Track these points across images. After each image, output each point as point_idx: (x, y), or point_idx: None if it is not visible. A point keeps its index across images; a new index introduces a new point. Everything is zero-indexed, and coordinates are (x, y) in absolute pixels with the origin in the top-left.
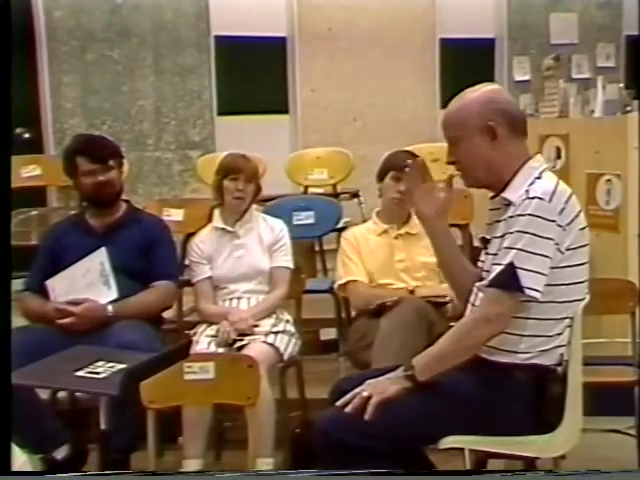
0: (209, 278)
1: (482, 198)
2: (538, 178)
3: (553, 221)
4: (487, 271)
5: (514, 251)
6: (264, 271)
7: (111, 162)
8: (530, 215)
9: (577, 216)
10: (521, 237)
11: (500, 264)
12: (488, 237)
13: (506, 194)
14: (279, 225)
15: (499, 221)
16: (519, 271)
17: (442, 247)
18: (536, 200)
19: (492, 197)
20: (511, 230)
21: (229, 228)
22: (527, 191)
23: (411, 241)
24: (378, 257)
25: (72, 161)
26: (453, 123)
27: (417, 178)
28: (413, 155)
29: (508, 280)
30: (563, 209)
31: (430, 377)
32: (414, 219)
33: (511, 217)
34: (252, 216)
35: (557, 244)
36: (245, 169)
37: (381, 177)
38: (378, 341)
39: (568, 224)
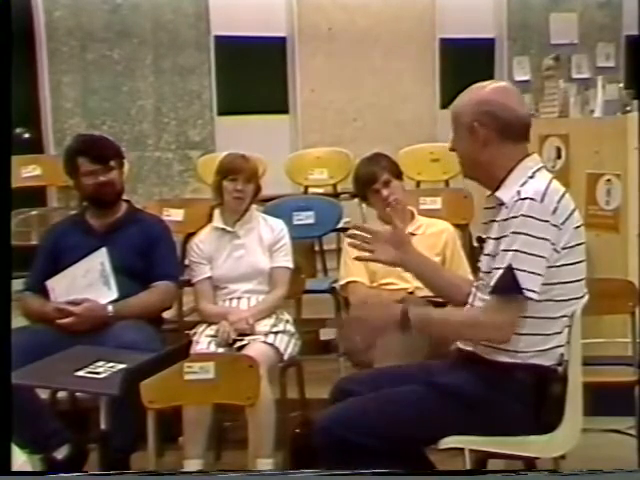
0: (209, 278)
1: (482, 198)
2: (531, 177)
3: (546, 221)
4: (487, 272)
5: (510, 253)
6: (264, 271)
7: (112, 163)
8: (523, 216)
9: (571, 214)
10: (516, 238)
11: (499, 268)
12: (484, 236)
13: (499, 193)
14: (279, 225)
15: (494, 221)
16: (517, 272)
17: (423, 273)
18: (528, 201)
19: (488, 196)
20: (506, 233)
21: (229, 228)
22: (519, 192)
23: (415, 241)
24: None
25: (73, 161)
26: (452, 114)
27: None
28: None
29: (508, 285)
30: (556, 208)
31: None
32: (417, 219)
33: (505, 220)
34: (252, 216)
35: (553, 244)
36: (244, 169)
37: (363, 196)
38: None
39: (562, 223)
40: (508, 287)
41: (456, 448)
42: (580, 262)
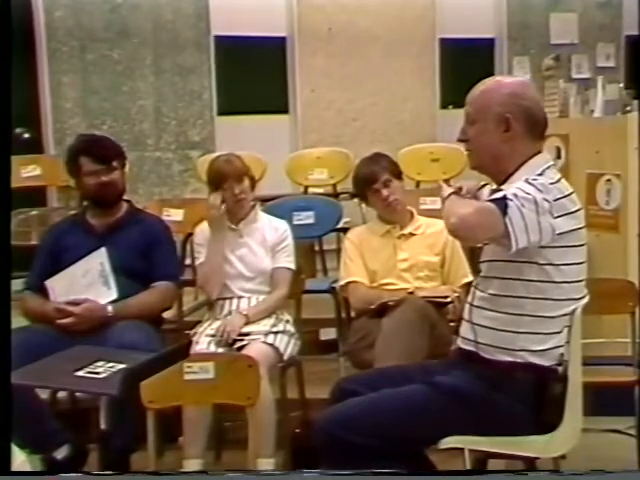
0: None
1: None
2: (540, 175)
3: (540, 191)
4: (488, 261)
5: (509, 196)
6: (265, 271)
7: (114, 163)
8: (524, 182)
9: (573, 213)
10: (515, 191)
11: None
12: None
13: (504, 187)
14: (283, 226)
15: None
16: (509, 202)
17: None
18: (530, 181)
19: (493, 190)
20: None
21: (233, 226)
22: None
23: (414, 241)
24: (381, 257)
25: (75, 161)
26: (475, 103)
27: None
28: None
29: (499, 203)
30: (557, 199)
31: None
32: (417, 219)
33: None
34: (257, 216)
35: (548, 220)
36: (230, 173)
37: (363, 196)
38: (381, 341)
39: (560, 216)
40: (496, 202)
41: (456, 448)
42: (580, 263)
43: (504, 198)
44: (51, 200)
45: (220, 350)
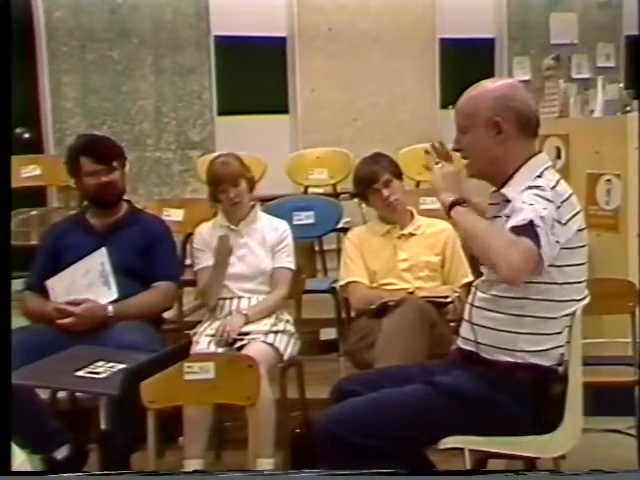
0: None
1: (481, 198)
2: (539, 177)
3: (551, 201)
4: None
5: (536, 222)
6: (266, 271)
7: (115, 163)
8: (530, 189)
9: (575, 216)
10: (538, 212)
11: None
12: None
13: (505, 190)
14: (283, 226)
15: (497, 217)
16: (538, 229)
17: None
18: (534, 189)
19: (493, 192)
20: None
21: (233, 227)
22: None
23: (415, 241)
24: (381, 257)
25: (76, 161)
26: (464, 111)
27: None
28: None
29: (528, 233)
30: (559, 207)
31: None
32: (417, 219)
33: (510, 214)
34: (257, 216)
35: (559, 231)
36: (226, 176)
37: (363, 196)
38: (381, 341)
39: (565, 223)
40: (527, 234)
41: (456, 448)
42: (581, 264)
43: (532, 225)
44: (51, 200)
45: (220, 350)
